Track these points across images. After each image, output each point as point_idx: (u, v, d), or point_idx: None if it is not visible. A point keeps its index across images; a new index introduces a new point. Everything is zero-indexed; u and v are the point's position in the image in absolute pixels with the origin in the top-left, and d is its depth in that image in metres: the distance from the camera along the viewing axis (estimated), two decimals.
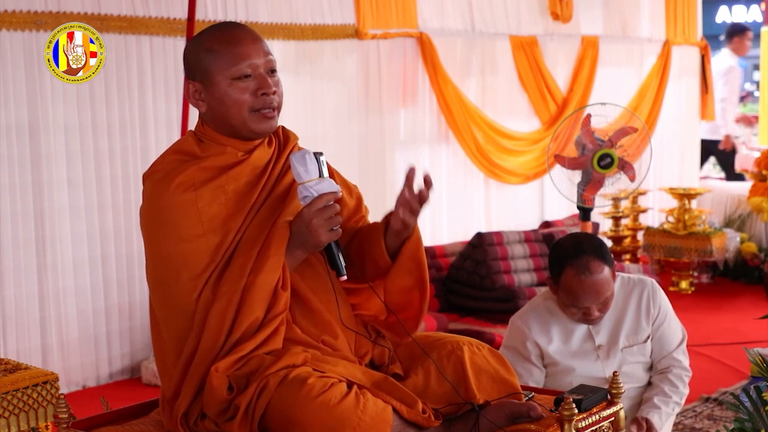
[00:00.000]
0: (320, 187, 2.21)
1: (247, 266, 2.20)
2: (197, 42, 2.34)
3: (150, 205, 2.28)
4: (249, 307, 2.18)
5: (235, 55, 2.27)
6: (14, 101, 5.16)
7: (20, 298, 5.24)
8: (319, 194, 2.20)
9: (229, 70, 2.27)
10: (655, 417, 3.21)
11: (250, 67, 2.28)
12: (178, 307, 2.22)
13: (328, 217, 2.20)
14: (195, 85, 2.32)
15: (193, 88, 2.32)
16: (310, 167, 2.21)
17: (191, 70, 2.33)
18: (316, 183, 2.21)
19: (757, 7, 24.06)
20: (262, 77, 2.29)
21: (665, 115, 9.35)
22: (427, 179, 2.29)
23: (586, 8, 8.46)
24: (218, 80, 2.28)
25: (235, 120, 2.29)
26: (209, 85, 2.29)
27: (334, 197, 2.23)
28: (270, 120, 2.32)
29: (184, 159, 2.30)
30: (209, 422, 2.17)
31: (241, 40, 2.30)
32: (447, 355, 2.32)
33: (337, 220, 2.23)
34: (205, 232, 2.22)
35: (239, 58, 2.27)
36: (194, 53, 2.33)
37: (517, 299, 6.16)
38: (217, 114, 2.31)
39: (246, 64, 2.28)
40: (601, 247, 3.22)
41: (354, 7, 6.67)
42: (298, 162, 2.21)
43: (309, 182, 2.20)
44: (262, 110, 2.29)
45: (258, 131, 2.31)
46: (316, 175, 2.22)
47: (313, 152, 2.23)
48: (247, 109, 2.28)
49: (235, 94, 2.27)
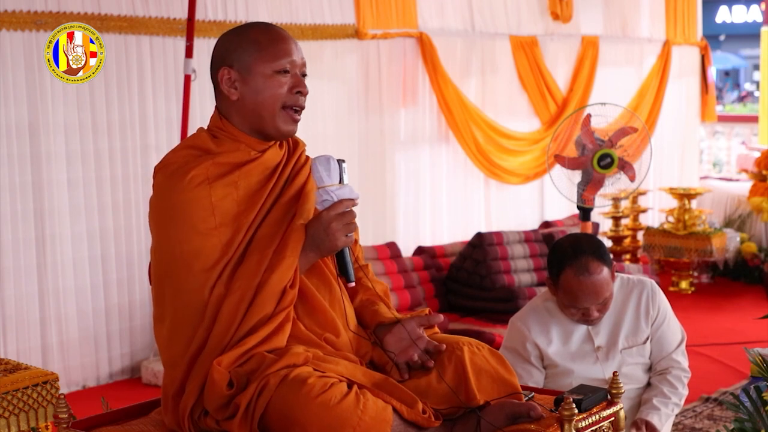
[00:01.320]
0: (341, 192, 2.27)
1: (263, 264, 2.22)
2: (240, 32, 2.38)
3: (162, 197, 2.29)
4: (260, 303, 2.20)
5: (280, 50, 2.32)
6: (14, 101, 5.16)
7: (20, 297, 5.24)
8: (339, 199, 2.26)
9: (272, 63, 2.31)
10: (654, 418, 3.21)
11: (290, 64, 2.33)
12: (189, 300, 2.22)
13: (347, 222, 2.25)
14: (231, 73, 2.34)
15: (228, 75, 2.34)
16: (332, 172, 2.28)
17: (230, 57, 2.35)
18: (338, 188, 2.27)
19: (757, 7, 24.03)
20: (298, 76, 2.35)
21: (665, 115, 9.35)
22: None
23: (586, 8, 8.46)
24: (259, 70, 2.31)
25: (266, 112, 2.32)
26: (247, 75, 2.32)
27: (353, 204, 2.28)
28: (294, 123, 2.36)
29: (198, 154, 2.32)
30: (210, 419, 2.18)
31: (286, 39, 2.36)
32: (447, 355, 2.32)
33: (354, 226, 2.29)
34: (218, 226, 2.24)
35: (283, 53, 2.32)
36: (235, 42, 2.36)
37: (517, 299, 6.16)
38: (248, 104, 2.33)
39: (287, 60, 2.32)
40: (600, 247, 3.22)
41: (354, 7, 6.68)
42: (322, 165, 2.28)
43: (330, 186, 2.27)
44: (293, 108, 2.34)
45: (282, 130, 2.35)
46: (338, 180, 2.28)
47: (337, 159, 2.30)
48: (280, 103, 2.32)
49: (273, 86, 2.32)
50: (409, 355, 2.31)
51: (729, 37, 29.18)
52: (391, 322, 2.39)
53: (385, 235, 6.90)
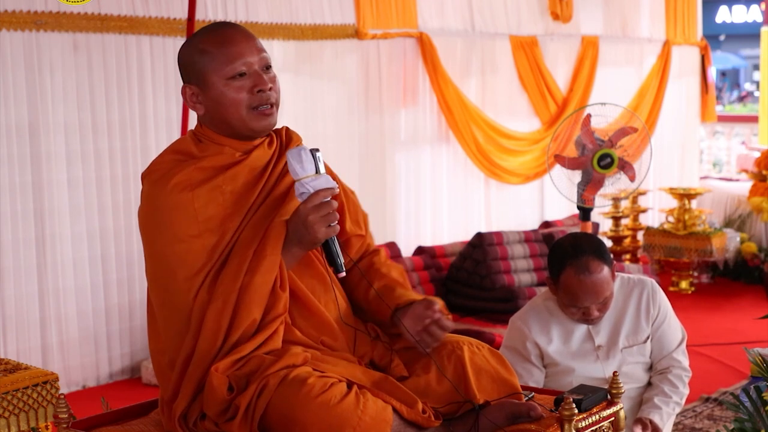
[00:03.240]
0: (317, 183, 2.19)
1: (243, 266, 2.19)
2: (190, 45, 2.33)
3: (147, 204, 2.28)
4: (246, 308, 2.17)
5: (229, 54, 2.26)
6: (14, 101, 5.16)
7: (20, 297, 5.24)
8: (315, 190, 2.18)
9: (224, 69, 2.26)
10: (656, 417, 3.21)
11: (244, 66, 2.27)
12: (175, 308, 2.21)
13: (325, 213, 2.18)
14: (191, 89, 2.31)
15: (190, 92, 2.32)
16: (306, 164, 2.18)
17: (186, 73, 2.33)
18: (313, 179, 2.19)
19: (757, 7, 24.04)
20: (257, 74, 2.28)
21: (665, 115, 9.35)
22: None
23: (586, 8, 8.46)
24: (213, 81, 2.27)
25: (233, 120, 2.28)
26: (205, 87, 2.29)
27: (331, 193, 2.20)
28: (268, 117, 2.30)
29: (182, 159, 2.30)
30: (209, 422, 2.17)
31: (234, 39, 2.28)
32: (447, 355, 2.32)
33: (335, 216, 2.21)
34: (202, 233, 2.21)
35: (233, 57, 2.26)
36: (188, 56, 2.32)
37: (517, 299, 6.16)
38: (215, 115, 2.30)
39: (240, 62, 2.26)
40: (600, 246, 3.21)
41: (354, 7, 6.67)
42: (293, 158, 2.19)
43: (305, 179, 2.18)
44: (260, 107, 2.28)
45: (257, 129, 2.30)
46: (313, 171, 2.19)
47: (310, 149, 2.21)
48: (244, 107, 2.27)
49: (232, 93, 2.26)
50: (424, 325, 2.26)
51: (729, 37, 29.20)
52: (407, 303, 2.33)
53: (385, 235, 6.90)
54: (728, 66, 29.76)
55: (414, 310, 2.30)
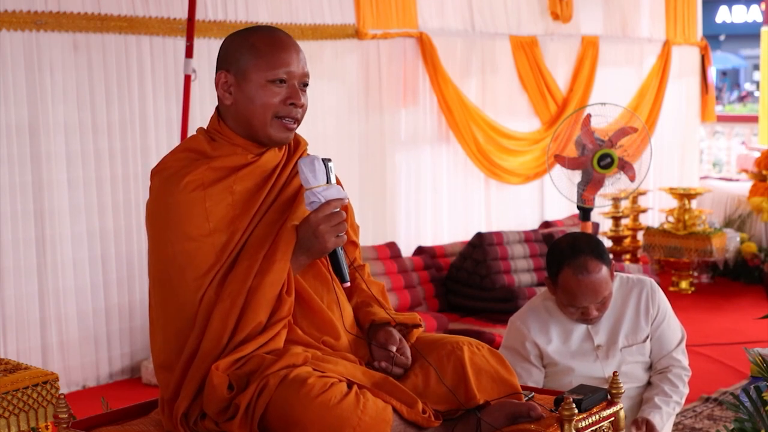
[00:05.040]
0: (328, 193, 2.22)
1: (253, 269, 2.20)
2: (242, 36, 2.35)
3: (157, 202, 2.28)
4: (253, 310, 2.18)
5: (277, 58, 2.28)
6: (14, 101, 5.17)
7: (20, 297, 5.24)
8: (327, 200, 2.21)
9: (267, 71, 2.28)
10: (656, 417, 3.21)
11: (287, 74, 2.29)
12: (181, 306, 2.22)
13: (335, 223, 2.21)
14: (228, 77, 2.32)
15: (224, 79, 2.33)
16: (318, 173, 2.21)
17: (229, 61, 2.33)
18: (324, 189, 2.22)
19: (757, 7, 24.03)
20: (294, 88, 2.31)
21: (665, 115, 9.35)
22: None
23: (586, 8, 8.47)
24: (253, 78, 2.29)
25: (256, 121, 2.30)
26: (242, 81, 2.30)
27: (341, 204, 2.23)
28: (289, 131, 2.33)
29: (195, 157, 2.31)
30: (209, 422, 2.17)
31: (286, 47, 2.31)
32: (447, 355, 2.32)
33: (344, 226, 2.24)
34: (212, 232, 2.22)
35: (279, 63, 2.28)
36: (236, 46, 2.33)
37: (517, 299, 6.16)
38: (241, 111, 2.31)
39: (284, 70, 2.29)
40: (599, 246, 3.22)
41: (354, 7, 6.68)
42: (306, 167, 2.22)
43: (317, 188, 2.21)
44: (285, 119, 2.30)
45: (275, 139, 2.32)
46: (324, 181, 2.22)
47: (322, 158, 2.24)
48: (272, 113, 2.29)
49: (266, 95, 2.28)
50: (388, 357, 2.31)
51: (729, 37, 29.21)
52: (381, 323, 2.38)
53: (385, 235, 6.90)
54: (728, 66, 29.76)
55: (377, 339, 2.35)
